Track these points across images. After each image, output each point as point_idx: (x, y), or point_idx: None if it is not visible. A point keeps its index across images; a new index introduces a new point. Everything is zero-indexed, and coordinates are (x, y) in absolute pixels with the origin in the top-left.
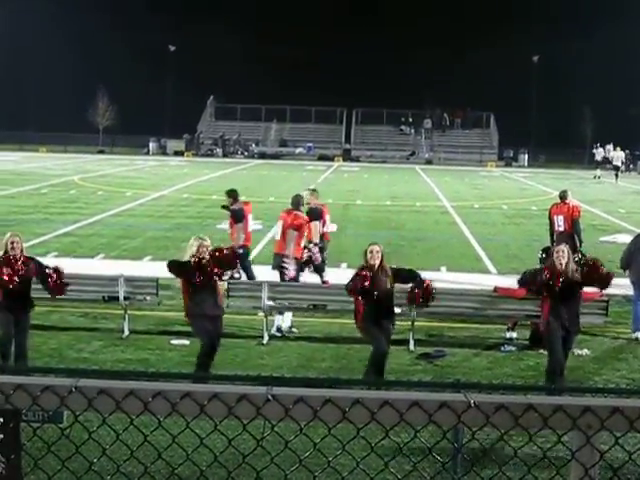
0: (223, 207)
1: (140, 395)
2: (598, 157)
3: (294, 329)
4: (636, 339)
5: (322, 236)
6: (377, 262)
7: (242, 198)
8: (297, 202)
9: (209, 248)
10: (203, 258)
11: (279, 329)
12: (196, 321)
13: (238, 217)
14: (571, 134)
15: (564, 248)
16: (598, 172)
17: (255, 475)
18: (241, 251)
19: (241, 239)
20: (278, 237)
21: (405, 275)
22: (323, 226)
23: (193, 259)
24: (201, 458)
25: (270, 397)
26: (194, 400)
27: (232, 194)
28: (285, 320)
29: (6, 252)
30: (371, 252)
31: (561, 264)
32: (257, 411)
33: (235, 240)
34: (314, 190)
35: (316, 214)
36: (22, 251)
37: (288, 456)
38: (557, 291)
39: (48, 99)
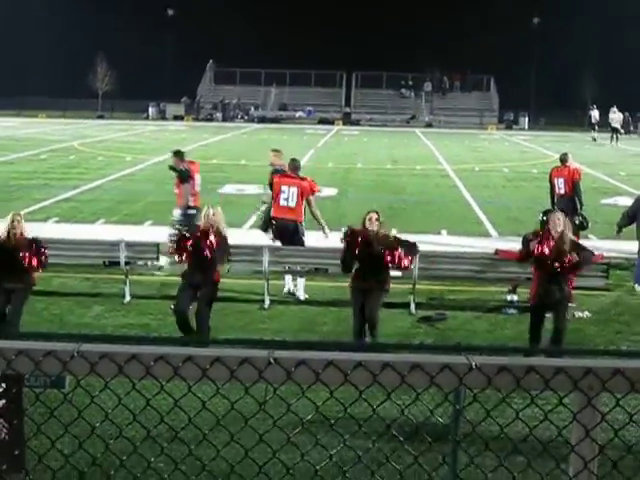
0: (170, 168)
1: (142, 359)
2: (593, 119)
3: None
4: (633, 288)
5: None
6: (375, 229)
7: (242, 162)
8: (298, 166)
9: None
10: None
11: (290, 292)
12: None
13: (185, 177)
14: (572, 97)
15: (560, 216)
16: (594, 134)
17: (258, 438)
18: (192, 211)
19: (189, 199)
20: (293, 204)
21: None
22: None
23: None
24: (203, 422)
25: (272, 360)
26: (196, 364)
27: (177, 154)
28: (299, 287)
29: (8, 232)
30: (370, 219)
31: (556, 232)
32: (259, 374)
33: (182, 200)
34: (277, 150)
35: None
36: (22, 232)
37: (290, 419)
38: (549, 259)
39: (47, 65)
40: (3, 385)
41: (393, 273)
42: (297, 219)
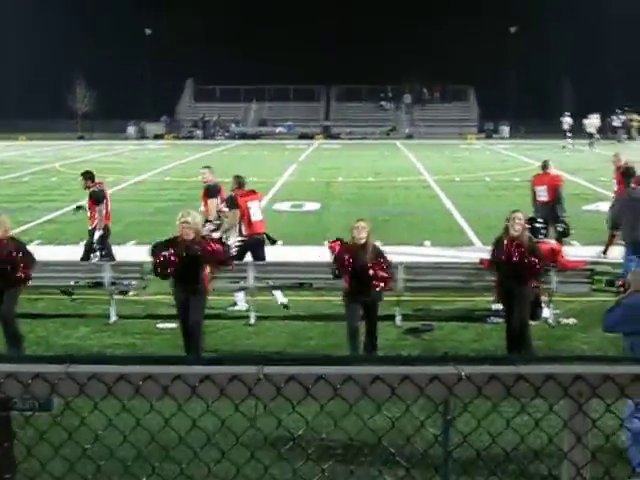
0: (77, 208)
1: (131, 379)
2: (565, 126)
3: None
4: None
5: (219, 213)
6: (363, 236)
7: (224, 179)
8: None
9: (192, 225)
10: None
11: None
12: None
13: (99, 198)
14: (550, 104)
15: (520, 215)
16: (568, 141)
17: (249, 454)
18: (102, 232)
19: (102, 220)
20: (260, 217)
21: (383, 263)
22: (221, 203)
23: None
24: (194, 440)
25: (262, 376)
26: (185, 382)
27: (87, 175)
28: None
29: None
30: (357, 228)
31: (516, 231)
32: (249, 391)
33: (97, 222)
34: (209, 167)
35: (214, 191)
36: (6, 231)
37: (281, 435)
38: (511, 259)
39: (25, 87)
40: None
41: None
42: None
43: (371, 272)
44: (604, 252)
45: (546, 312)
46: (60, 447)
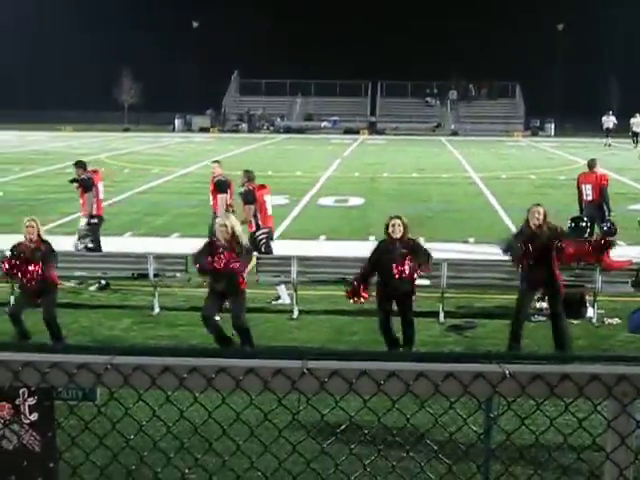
0: (71, 181)
1: (176, 371)
2: (607, 124)
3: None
4: None
5: (228, 207)
6: (398, 235)
7: (268, 173)
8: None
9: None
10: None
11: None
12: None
13: (87, 186)
14: (597, 102)
15: (540, 209)
16: (608, 140)
17: (291, 448)
18: (94, 220)
19: (93, 208)
20: (270, 212)
21: (421, 254)
22: (230, 198)
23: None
24: (237, 433)
25: (306, 371)
26: (230, 375)
27: (79, 164)
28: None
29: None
30: (393, 225)
31: (535, 224)
32: (292, 385)
33: (86, 209)
34: (218, 161)
35: (224, 186)
36: (39, 235)
37: (324, 429)
38: (529, 251)
39: (73, 79)
40: (35, 398)
41: (421, 282)
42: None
43: (396, 268)
44: None
45: (590, 312)
46: (104, 437)
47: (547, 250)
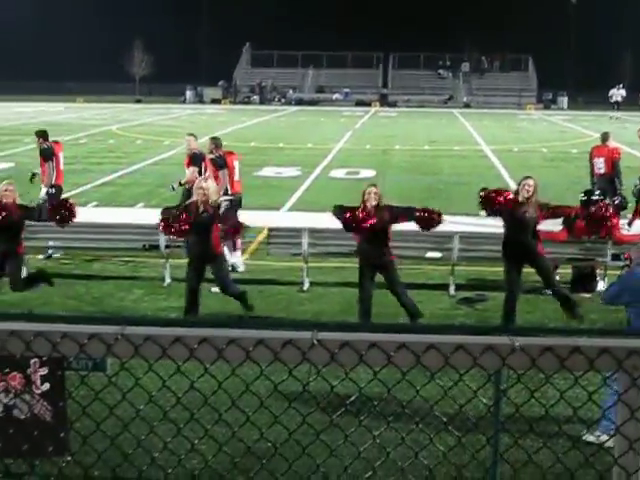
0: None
1: (186, 342)
2: (615, 98)
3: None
4: None
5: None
6: (374, 203)
7: (280, 145)
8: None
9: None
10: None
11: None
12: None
13: (47, 155)
14: (610, 75)
15: (531, 182)
16: (614, 113)
17: (301, 419)
18: (53, 190)
19: (52, 178)
20: (238, 177)
21: (400, 212)
22: (206, 171)
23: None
24: (246, 403)
25: (316, 342)
26: (240, 346)
27: (40, 134)
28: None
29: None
30: (369, 193)
31: (524, 197)
32: (303, 356)
33: (46, 179)
34: (192, 134)
35: (199, 159)
36: (14, 200)
37: (333, 401)
38: (510, 222)
39: (84, 50)
40: (46, 368)
41: (432, 254)
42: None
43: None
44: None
45: (601, 285)
46: (114, 407)
47: (532, 224)
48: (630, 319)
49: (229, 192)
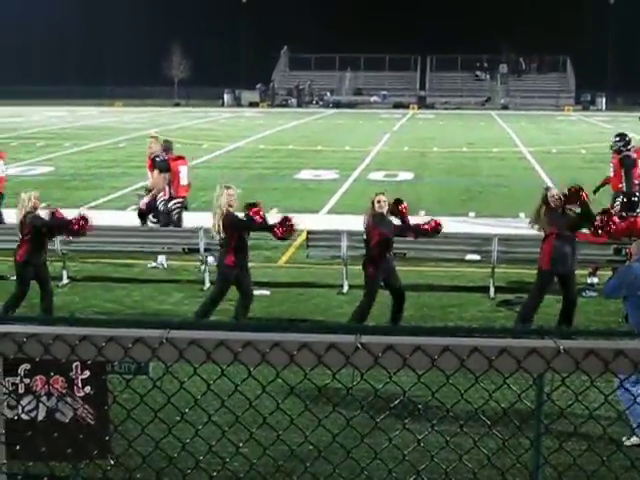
0: None
1: (230, 345)
2: None
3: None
4: None
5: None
6: (384, 210)
7: (318, 148)
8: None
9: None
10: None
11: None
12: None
13: (162, 168)
14: None
15: (555, 192)
16: None
17: (345, 423)
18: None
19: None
20: (187, 181)
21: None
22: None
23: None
24: (291, 407)
25: (359, 345)
26: (283, 349)
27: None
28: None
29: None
30: (379, 201)
31: (556, 206)
32: (346, 360)
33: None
34: (155, 137)
35: (165, 166)
36: (35, 209)
37: (377, 404)
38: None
39: (124, 55)
40: (88, 372)
41: (471, 257)
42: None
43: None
44: None
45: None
46: (159, 410)
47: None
48: (627, 312)
49: (173, 196)
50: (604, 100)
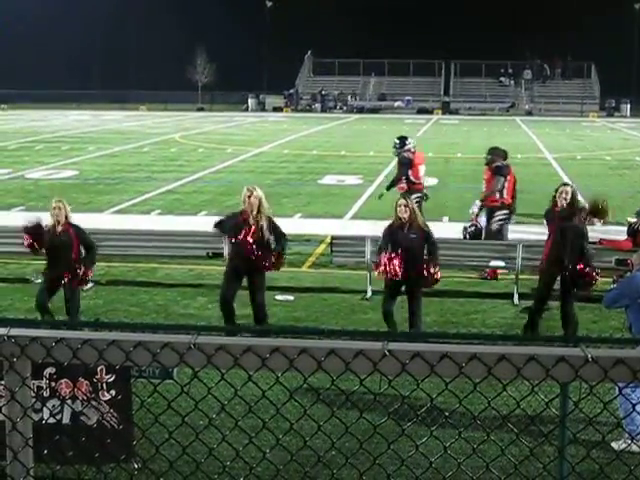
0: None
1: (258, 351)
2: None
3: None
4: None
5: None
6: (406, 216)
7: (342, 153)
8: None
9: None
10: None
11: None
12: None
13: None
14: None
15: (568, 189)
16: None
17: (372, 429)
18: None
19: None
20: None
21: (430, 245)
22: None
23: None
24: (319, 413)
25: (387, 352)
26: (311, 356)
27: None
28: None
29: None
30: (400, 206)
31: (562, 205)
32: (374, 366)
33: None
34: None
35: None
36: (66, 217)
37: (404, 411)
38: (553, 231)
39: (148, 59)
40: (112, 375)
41: (495, 263)
42: None
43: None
44: None
45: None
46: (186, 415)
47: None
48: (630, 322)
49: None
50: (629, 107)
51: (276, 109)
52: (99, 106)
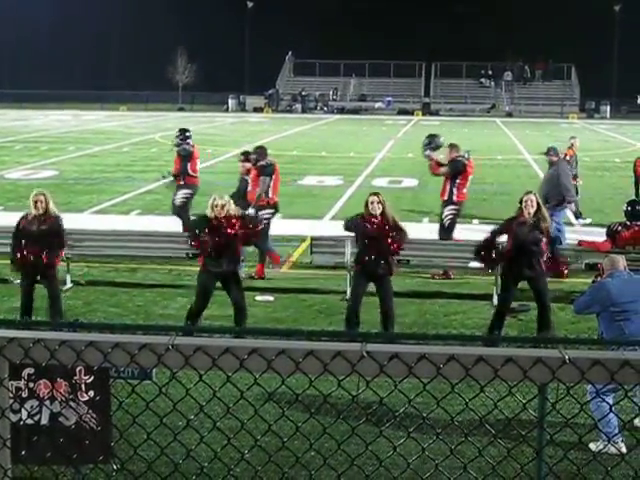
0: None
1: (236, 352)
2: None
3: None
4: None
5: None
6: (378, 212)
7: (322, 154)
8: None
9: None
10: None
11: None
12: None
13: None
14: None
15: (533, 197)
16: None
17: (350, 430)
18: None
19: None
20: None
21: (397, 233)
22: None
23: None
24: (297, 414)
25: (365, 353)
26: (289, 357)
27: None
28: None
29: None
30: (372, 203)
31: (529, 213)
32: (352, 367)
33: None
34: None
35: None
36: (47, 210)
37: (383, 412)
38: (516, 239)
39: (128, 59)
40: (91, 376)
41: (475, 264)
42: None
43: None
44: None
45: None
46: (165, 417)
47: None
48: (601, 331)
49: None
50: (609, 108)
51: (257, 110)
52: (80, 106)
